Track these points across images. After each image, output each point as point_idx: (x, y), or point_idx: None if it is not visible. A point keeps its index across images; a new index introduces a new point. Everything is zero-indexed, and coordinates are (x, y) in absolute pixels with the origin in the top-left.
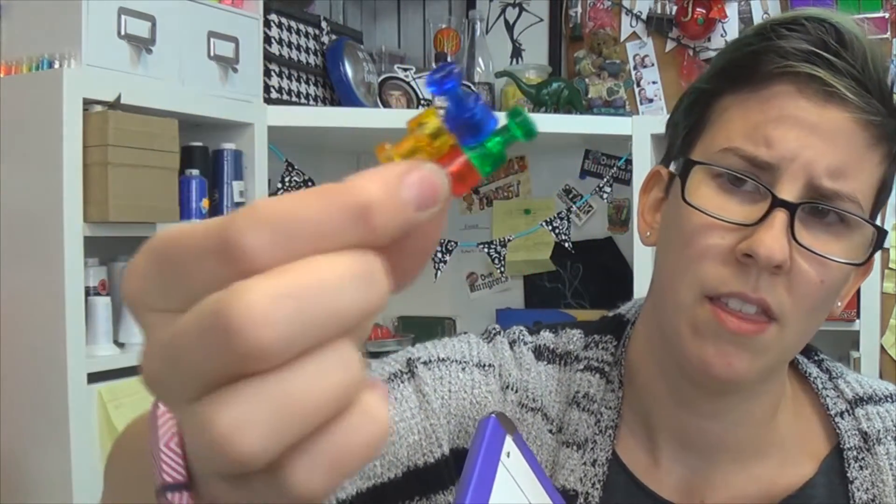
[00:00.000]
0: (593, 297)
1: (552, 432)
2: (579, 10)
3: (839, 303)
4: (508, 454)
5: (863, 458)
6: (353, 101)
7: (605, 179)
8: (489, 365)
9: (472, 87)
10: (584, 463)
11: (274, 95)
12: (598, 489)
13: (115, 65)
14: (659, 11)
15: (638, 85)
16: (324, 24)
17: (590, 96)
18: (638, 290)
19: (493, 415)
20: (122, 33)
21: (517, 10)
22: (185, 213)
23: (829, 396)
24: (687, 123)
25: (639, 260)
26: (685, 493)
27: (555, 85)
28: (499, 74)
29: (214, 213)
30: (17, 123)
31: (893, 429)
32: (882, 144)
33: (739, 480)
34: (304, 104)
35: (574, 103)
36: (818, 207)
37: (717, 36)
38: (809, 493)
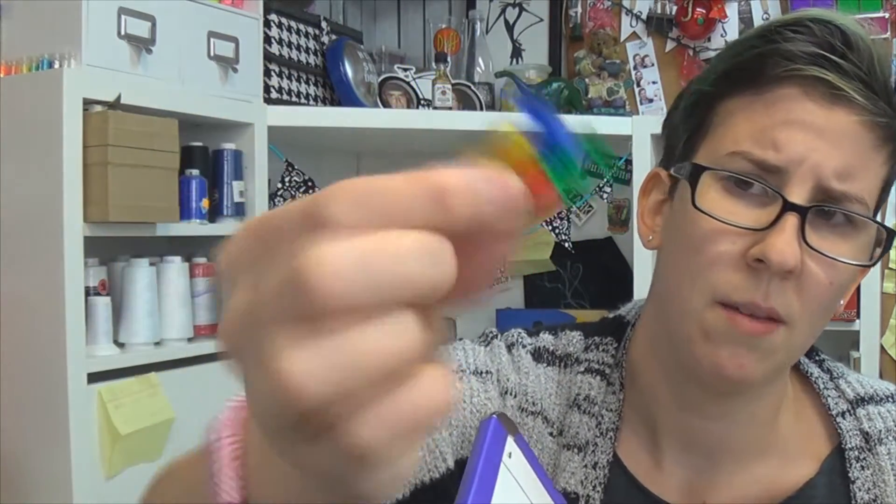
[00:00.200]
0: (593, 297)
1: (553, 435)
2: (579, 10)
3: (841, 301)
4: (510, 455)
5: (864, 458)
6: (353, 101)
7: (605, 179)
8: (486, 371)
9: (473, 87)
10: (585, 465)
11: (274, 95)
12: (598, 492)
13: (115, 65)
14: (659, 11)
15: (638, 85)
16: (324, 24)
17: (590, 96)
18: (638, 290)
19: (494, 416)
20: (122, 33)
21: (517, 10)
22: (185, 213)
23: (830, 396)
24: (688, 126)
25: (639, 260)
26: (687, 495)
27: (555, 85)
28: (499, 74)
29: (214, 214)
30: (17, 123)
31: (894, 429)
32: (887, 145)
33: (741, 481)
34: (304, 104)
35: (574, 103)
36: (827, 209)
37: (717, 36)
38: (810, 493)
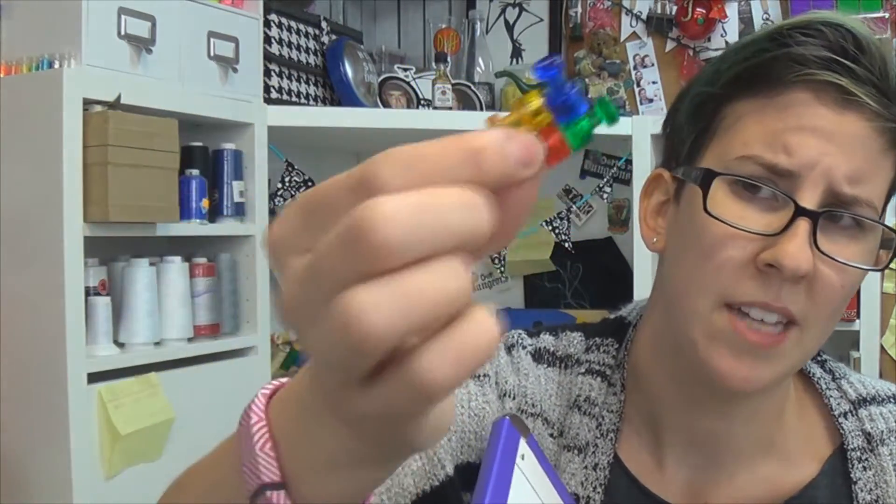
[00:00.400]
0: (593, 297)
1: (553, 436)
2: (579, 10)
3: None
4: (523, 457)
5: (866, 458)
6: (353, 101)
7: (605, 179)
8: (484, 375)
9: (473, 87)
10: (586, 467)
11: (274, 95)
12: (599, 493)
13: (115, 65)
14: (659, 11)
15: (638, 85)
16: (324, 24)
17: (590, 96)
18: (638, 289)
19: (506, 417)
20: (122, 33)
21: (517, 10)
22: (185, 213)
23: (832, 397)
24: (694, 128)
25: (639, 260)
26: (689, 495)
27: None
28: (499, 74)
29: (214, 214)
30: (17, 123)
31: None
32: (895, 149)
33: (743, 481)
34: (304, 104)
35: None
36: (837, 214)
37: (717, 36)
38: (812, 493)
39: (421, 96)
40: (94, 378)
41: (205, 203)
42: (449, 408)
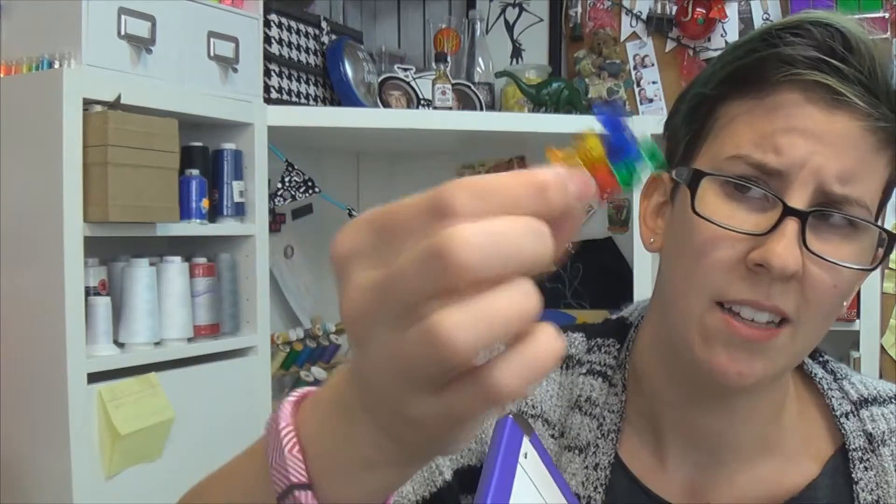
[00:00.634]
0: (593, 297)
1: (554, 437)
2: (579, 10)
3: (844, 303)
4: (526, 455)
5: (868, 459)
6: (353, 101)
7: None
8: None
9: (473, 87)
10: (586, 467)
11: (274, 95)
12: (600, 493)
13: (115, 65)
14: (659, 11)
15: (638, 85)
16: (324, 24)
17: (590, 96)
18: (638, 290)
19: (509, 416)
20: (122, 33)
21: (517, 10)
22: (185, 213)
23: (834, 397)
24: (689, 130)
25: (639, 260)
26: (690, 495)
27: (555, 85)
28: (499, 74)
29: (214, 214)
30: (17, 123)
31: None
32: (889, 148)
33: (744, 481)
34: (304, 104)
35: (574, 103)
36: (828, 214)
37: (717, 36)
38: (813, 493)
39: (421, 96)
40: (94, 378)
41: (205, 203)
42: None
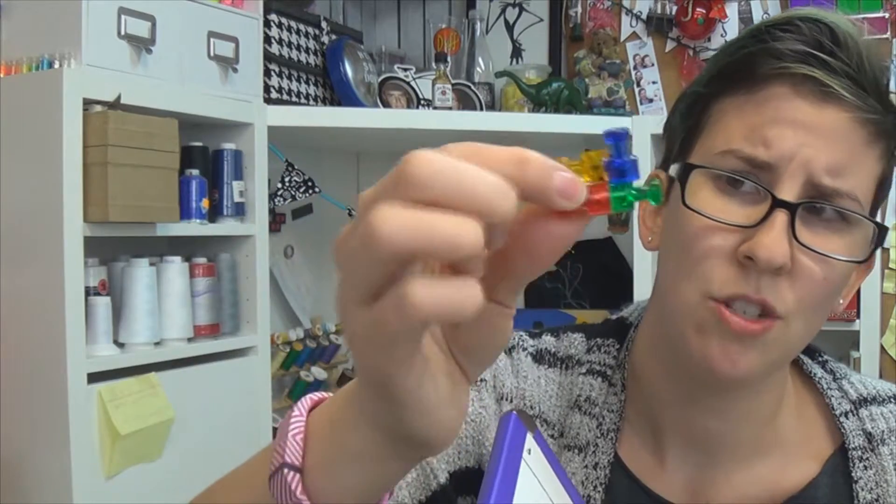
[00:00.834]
0: (593, 297)
1: (553, 437)
2: (579, 10)
3: (841, 300)
4: (529, 451)
5: (867, 458)
6: (353, 101)
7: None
8: (481, 380)
9: (473, 87)
10: (586, 466)
11: (274, 95)
12: (599, 492)
13: (115, 65)
14: (659, 11)
15: (638, 85)
16: (324, 24)
17: (590, 96)
18: (638, 290)
19: (513, 412)
20: (122, 33)
21: (517, 10)
22: (185, 213)
23: (833, 397)
24: (684, 127)
25: (639, 260)
26: (690, 495)
27: (555, 85)
28: (499, 74)
29: (214, 214)
30: (17, 123)
31: None
32: (880, 141)
33: (743, 480)
34: (304, 104)
35: (574, 103)
36: (818, 206)
37: (717, 36)
38: (813, 493)
39: (421, 96)
40: (94, 378)
41: (205, 203)
42: (458, 410)
